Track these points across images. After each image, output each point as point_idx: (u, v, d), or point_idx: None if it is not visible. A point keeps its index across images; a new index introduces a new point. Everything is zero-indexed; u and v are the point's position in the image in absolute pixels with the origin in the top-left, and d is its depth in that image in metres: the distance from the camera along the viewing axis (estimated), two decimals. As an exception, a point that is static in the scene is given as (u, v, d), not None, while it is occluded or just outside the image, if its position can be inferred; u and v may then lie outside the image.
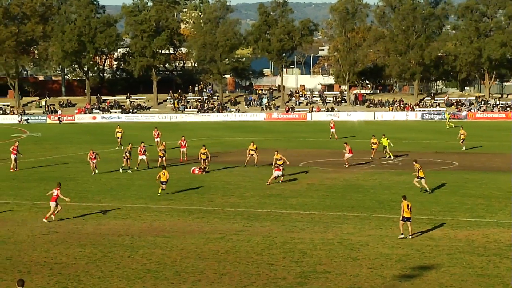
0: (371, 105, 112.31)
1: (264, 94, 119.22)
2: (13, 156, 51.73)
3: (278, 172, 44.16)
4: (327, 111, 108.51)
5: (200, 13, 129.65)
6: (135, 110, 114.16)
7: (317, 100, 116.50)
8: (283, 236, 30.04)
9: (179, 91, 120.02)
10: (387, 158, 55.35)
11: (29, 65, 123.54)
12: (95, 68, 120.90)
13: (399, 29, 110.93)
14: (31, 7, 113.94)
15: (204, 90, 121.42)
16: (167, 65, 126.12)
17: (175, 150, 58.04)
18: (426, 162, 53.89)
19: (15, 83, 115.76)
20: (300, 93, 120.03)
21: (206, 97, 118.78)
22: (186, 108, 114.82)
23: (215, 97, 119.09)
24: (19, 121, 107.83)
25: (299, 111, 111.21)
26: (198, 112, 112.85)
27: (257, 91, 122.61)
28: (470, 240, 29.14)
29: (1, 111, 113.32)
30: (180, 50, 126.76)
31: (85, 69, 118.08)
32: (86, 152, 61.97)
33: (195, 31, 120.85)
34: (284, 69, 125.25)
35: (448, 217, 33.87)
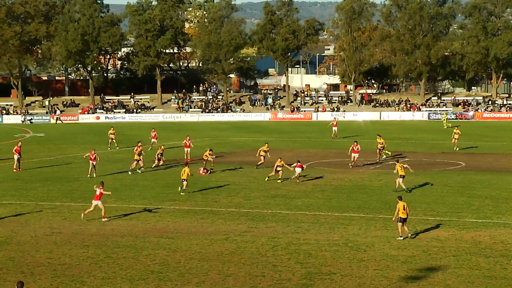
0: (377, 105, 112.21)
1: (269, 94, 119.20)
2: (16, 156, 51.83)
3: (299, 168, 44.41)
4: (332, 111, 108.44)
5: (204, 12, 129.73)
6: (139, 110, 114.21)
7: (322, 100, 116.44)
8: (288, 237, 30.05)
9: (184, 90, 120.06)
10: (384, 157, 55.29)
11: (33, 65, 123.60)
12: (99, 68, 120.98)
13: (405, 28, 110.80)
14: (34, 7, 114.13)
15: (209, 90, 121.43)
16: (171, 65, 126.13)
17: (179, 150, 58.01)
18: (433, 163, 53.92)
19: (18, 82, 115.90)
20: (306, 93, 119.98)
21: (211, 97, 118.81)
22: (191, 108, 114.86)
23: (219, 97, 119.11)
24: (22, 121, 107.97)
25: (304, 111, 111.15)
26: (202, 112, 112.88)
27: (262, 91, 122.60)
28: (477, 241, 29.12)
29: (4, 111, 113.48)
30: (185, 50, 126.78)
31: (89, 68, 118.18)
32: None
33: (200, 30, 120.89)
34: (289, 69, 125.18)
35: (454, 218, 33.84)
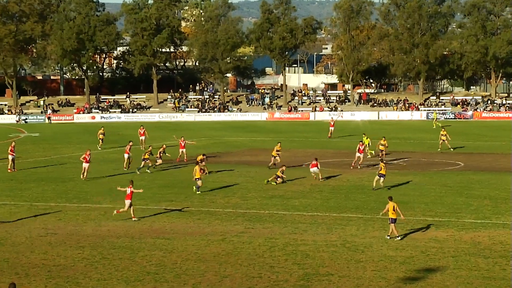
0: (375, 104, 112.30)
1: (266, 93, 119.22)
2: (11, 157, 51.80)
3: (314, 168, 44.85)
4: (330, 111, 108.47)
5: (201, 11, 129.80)
6: (135, 110, 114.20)
7: (320, 100, 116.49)
8: (286, 238, 30.05)
9: (180, 90, 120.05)
10: (368, 157, 55.44)
11: (27, 64, 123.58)
12: (95, 67, 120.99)
13: (404, 27, 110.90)
14: (29, 5, 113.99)
15: (205, 89, 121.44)
16: (167, 64, 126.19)
17: (174, 149, 57.93)
18: (431, 163, 53.98)
19: (13, 82, 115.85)
20: (303, 92, 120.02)
21: (207, 96, 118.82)
22: (187, 107, 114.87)
23: (216, 96, 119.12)
24: (17, 120, 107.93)
25: (301, 110, 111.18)
26: (199, 111, 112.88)
27: (259, 90, 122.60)
28: (476, 242, 29.14)
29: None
30: (181, 49, 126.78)
31: (84, 68, 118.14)
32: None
33: (196, 29, 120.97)
34: (286, 68, 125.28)
35: (453, 218, 33.86)
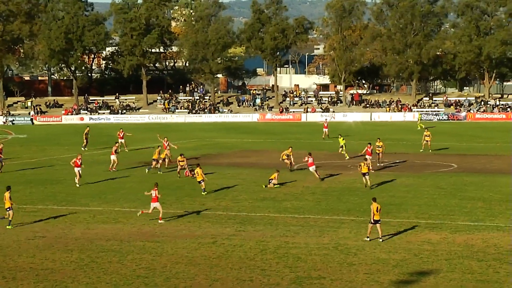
0: (367, 105, 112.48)
1: (258, 94, 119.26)
2: (-1, 159, 52.08)
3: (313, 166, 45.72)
4: (322, 112, 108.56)
5: (191, 11, 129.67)
6: (124, 111, 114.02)
7: (312, 101, 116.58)
8: (277, 241, 30.07)
9: (170, 91, 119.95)
10: (347, 159, 55.49)
11: (15, 64, 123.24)
12: (83, 68, 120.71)
13: (396, 27, 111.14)
14: (17, 5, 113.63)
15: (196, 90, 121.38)
16: (157, 65, 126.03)
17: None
18: (424, 164, 54.08)
19: (0, 82, 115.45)
20: (295, 93, 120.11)
21: (198, 97, 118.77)
22: (177, 108, 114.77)
23: (206, 97, 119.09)
24: (4, 122, 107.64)
25: (293, 111, 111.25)
26: (189, 112, 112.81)
27: (251, 91, 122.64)
28: (469, 245, 29.21)
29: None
30: (171, 49, 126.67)
31: (73, 68, 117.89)
32: (74, 154, 62.02)
33: (187, 29, 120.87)
34: (278, 69, 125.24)
35: (446, 220, 33.94)
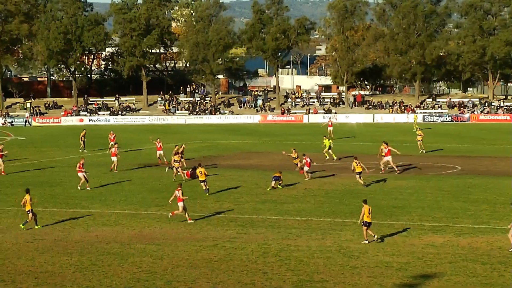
0: (370, 106, 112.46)
1: (259, 95, 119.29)
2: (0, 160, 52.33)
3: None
4: (324, 113, 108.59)
5: (192, 11, 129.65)
6: (124, 112, 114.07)
7: (314, 102, 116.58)
8: (279, 244, 30.07)
9: (170, 92, 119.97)
10: (329, 159, 55.63)
11: (13, 65, 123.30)
12: (82, 68, 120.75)
13: (399, 27, 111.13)
14: (15, 5, 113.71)
15: (196, 91, 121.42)
16: (157, 65, 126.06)
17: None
18: (428, 166, 54.05)
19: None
20: (296, 94, 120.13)
21: (198, 98, 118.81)
22: (178, 110, 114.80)
23: (207, 98, 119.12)
24: (3, 123, 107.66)
25: (295, 113, 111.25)
26: (190, 114, 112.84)
27: (252, 92, 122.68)
28: (474, 248, 29.20)
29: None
30: (171, 50, 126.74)
31: (72, 69, 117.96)
32: (73, 155, 62.22)
33: (187, 29, 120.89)
34: (279, 69, 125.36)
35: (450, 223, 33.94)
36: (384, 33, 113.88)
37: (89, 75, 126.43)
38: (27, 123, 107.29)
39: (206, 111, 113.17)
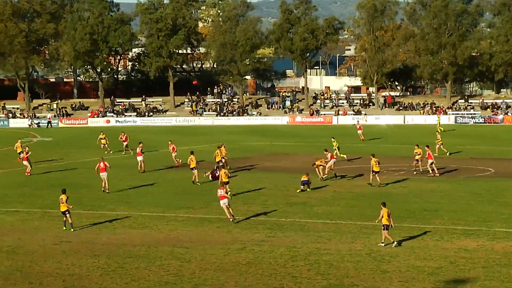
0: (400, 108, 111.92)
1: (287, 96, 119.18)
2: (25, 162, 52.73)
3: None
4: (354, 114, 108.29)
5: (219, 11, 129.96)
6: (151, 114, 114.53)
7: (343, 103, 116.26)
8: (308, 247, 30.01)
9: (197, 93, 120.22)
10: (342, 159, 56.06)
11: (40, 66, 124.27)
12: (109, 69, 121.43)
13: (430, 27, 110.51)
14: (41, 5, 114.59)
15: (224, 92, 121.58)
16: (184, 66, 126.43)
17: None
18: (460, 169, 53.67)
19: (25, 84, 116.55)
20: (325, 95, 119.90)
21: (226, 99, 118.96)
22: (205, 111, 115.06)
23: (235, 99, 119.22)
24: (30, 125, 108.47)
25: (324, 114, 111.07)
26: (217, 115, 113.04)
27: (280, 93, 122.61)
28: (508, 252, 28.94)
29: (10, 114, 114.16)
30: (198, 50, 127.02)
31: (98, 70, 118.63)
32: (98, 157, 62.47)
33: (214, 30, 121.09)
34: (308, 70, 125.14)
35: (483, 227, 33.66)
36: (414, 33, 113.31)
37: (115, 76, 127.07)
38: (49, 124, 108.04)
39: (234, 112, 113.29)
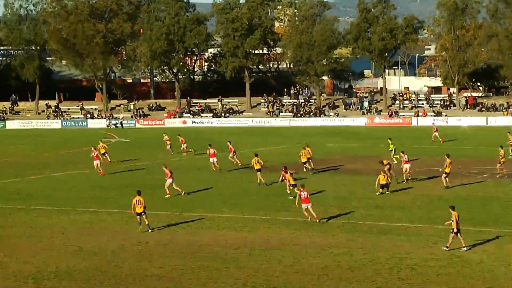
0: (483, 109, 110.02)
1: (365, 97, 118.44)
2: (96, 162, 54.28)
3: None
4: (434, 116, 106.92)
5: (295, 11, 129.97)
6: (227, 114, 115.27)
7: (423, 104, 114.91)
8: (388, 251, 29.72)
9: (274, 94, 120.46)
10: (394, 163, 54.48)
11: (117, 67, 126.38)
12: (185, 70, 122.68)
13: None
14: (117, 3, 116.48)
15: (300, 92, 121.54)
16: (260, 66, 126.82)
17: (277, 156, 58.07)
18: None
19: (103, 85, 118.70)
20: (404, 96, 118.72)
21: (302, 100, 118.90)
22: (281, 112, 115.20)
23: (312, 100, 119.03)
24: (107, 125, 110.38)
25: (403, 115, 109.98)
26: (293, 116, 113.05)
27: (357, 94, 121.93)
28: None
29: (89, 115, 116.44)
30: (275, 50, 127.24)
31: (175, 70, 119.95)
32: (178, 159, 63.29)
33: (290, 29, 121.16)
34: (386, 70, 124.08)
35: None
36: (497, 32, 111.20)
37: (191, 77, 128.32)
38: (121, 125, 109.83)
39: (311, 113, 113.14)
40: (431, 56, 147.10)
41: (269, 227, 35.16)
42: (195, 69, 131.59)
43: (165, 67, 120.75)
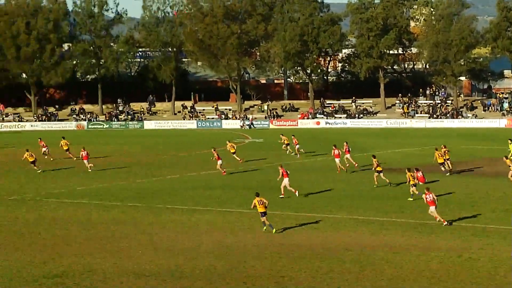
0: None
1: (505, 98, 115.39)
2: (219, 162, 55.53)
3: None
4: None
5: (431, 10, 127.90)
6: (361, 115, 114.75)
7: None
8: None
9: (409, 94, 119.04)
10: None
11: (251, 68, 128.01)
12: (319, 70, 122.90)
13: None
14: (251, 4, 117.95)
15: (437, 93, 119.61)
16: (395, 67, 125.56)
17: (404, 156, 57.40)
18: None
19: (237, 86, 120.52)
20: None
21: (439, 101, 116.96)
22: (417, 113, 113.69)
23: (448, 101, 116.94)
24: (241, 126, 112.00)
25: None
26: (429, 117, 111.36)
27: (497, 95, 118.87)
28: None
29: (223, 116, 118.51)
30: (410, 50, 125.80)
31: (308, 71, 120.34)
32: (308, 160, 63.50)
33: (427, 29, 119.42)
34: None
35: None
36: None
37: (325, 77, 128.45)
38: (251, 125, 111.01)
39: (447, 115, 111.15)
40: None
41: (391, 229, 34.74)
42: (329, 70, 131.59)
43: (298, 67, 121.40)
